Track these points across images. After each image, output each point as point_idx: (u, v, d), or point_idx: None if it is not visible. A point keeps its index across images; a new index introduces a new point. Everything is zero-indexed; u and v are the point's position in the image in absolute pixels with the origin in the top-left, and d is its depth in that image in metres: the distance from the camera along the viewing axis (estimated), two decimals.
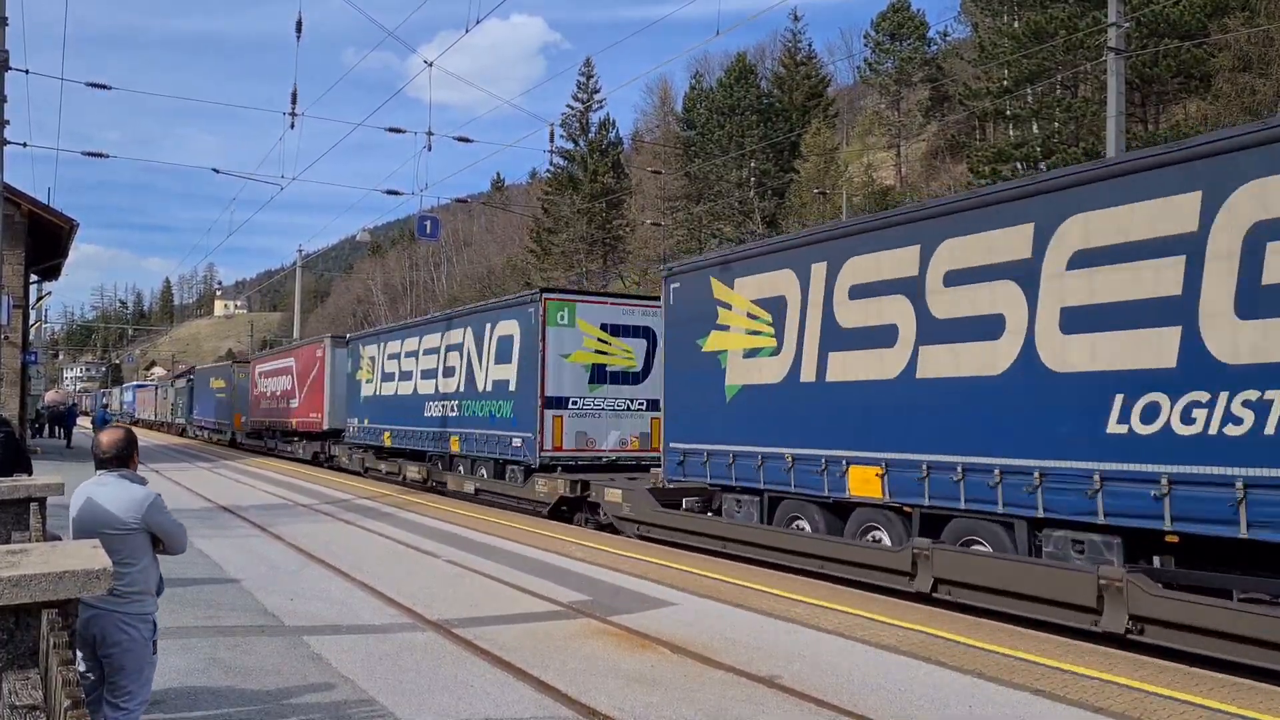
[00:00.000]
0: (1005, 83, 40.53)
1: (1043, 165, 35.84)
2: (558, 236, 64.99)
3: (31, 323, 35.36)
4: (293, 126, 21.49)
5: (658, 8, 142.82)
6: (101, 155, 34.87)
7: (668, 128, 67.58)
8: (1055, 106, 38.17)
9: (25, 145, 28.31)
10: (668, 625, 7.79)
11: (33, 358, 34.27)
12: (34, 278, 32.59)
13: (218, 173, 60.59)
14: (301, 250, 51.25)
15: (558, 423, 16.04)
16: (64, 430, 40.23)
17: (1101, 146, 24.34)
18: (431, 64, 21.32)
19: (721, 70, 62.67)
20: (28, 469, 7.83)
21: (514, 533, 13.49)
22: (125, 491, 4.18)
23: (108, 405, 77.03)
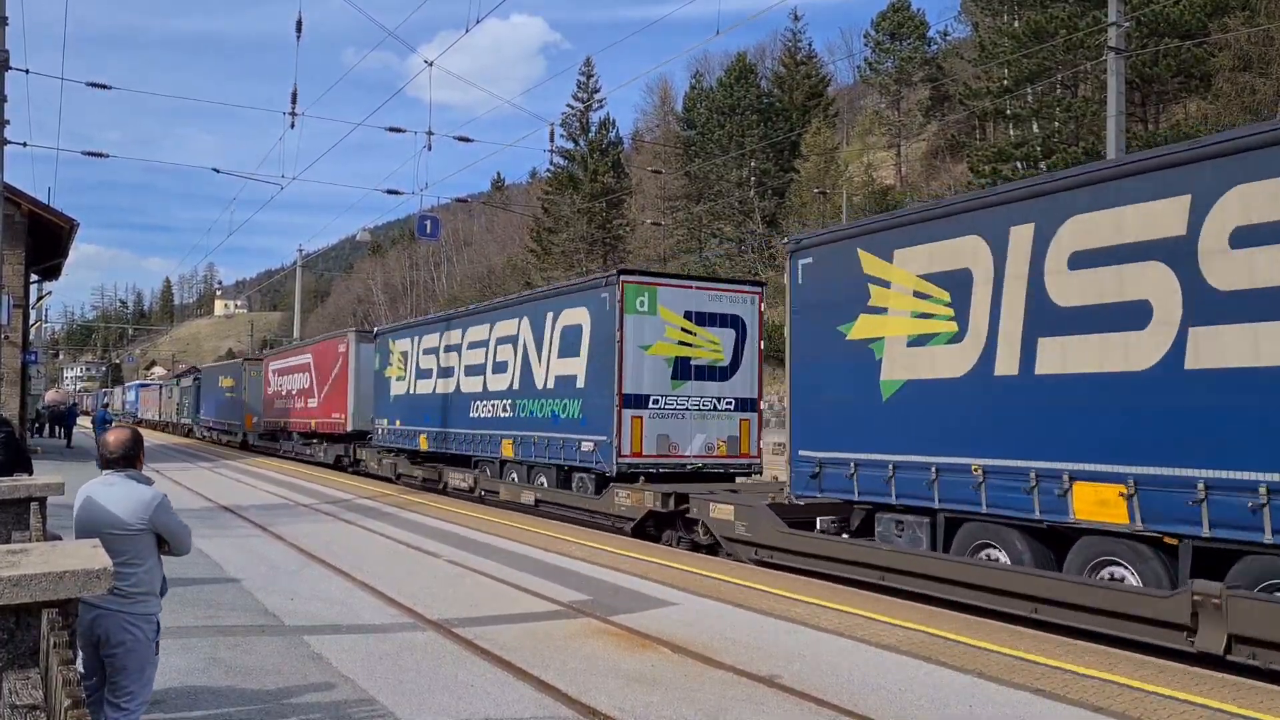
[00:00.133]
0: (1005, 82, 40.54)
1: (1043, 165, 35.82)
2: (558, 236, 65.00)
3: (32, 322, 35.37)
4: (293, 126, 21.60)
5: (658, 8, 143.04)
6: (102, 155, 34.88)
7: (668, 127, 67.61)
8: (1055, 106, 38.18)
9: (25, 145, 28.41)
10: (668, 625, 7.79)
11: (33, 357, 34.28)
12: (34, 277, 32.60)
13: (218, 172, 60.71)
14: (301, 250, 51.30)
15: (637, 424, 14.22)
16: (64, 430, 40.23)
17: (1101, 146, 24.34)
18: (431, 64, 21.36)
19: (721, 70, 62.74)
20: (28, 469, 7.83)
21: (515, 532, 13.49)
22: (133, 492, 4.17)
23: (108, 405, 76.78)
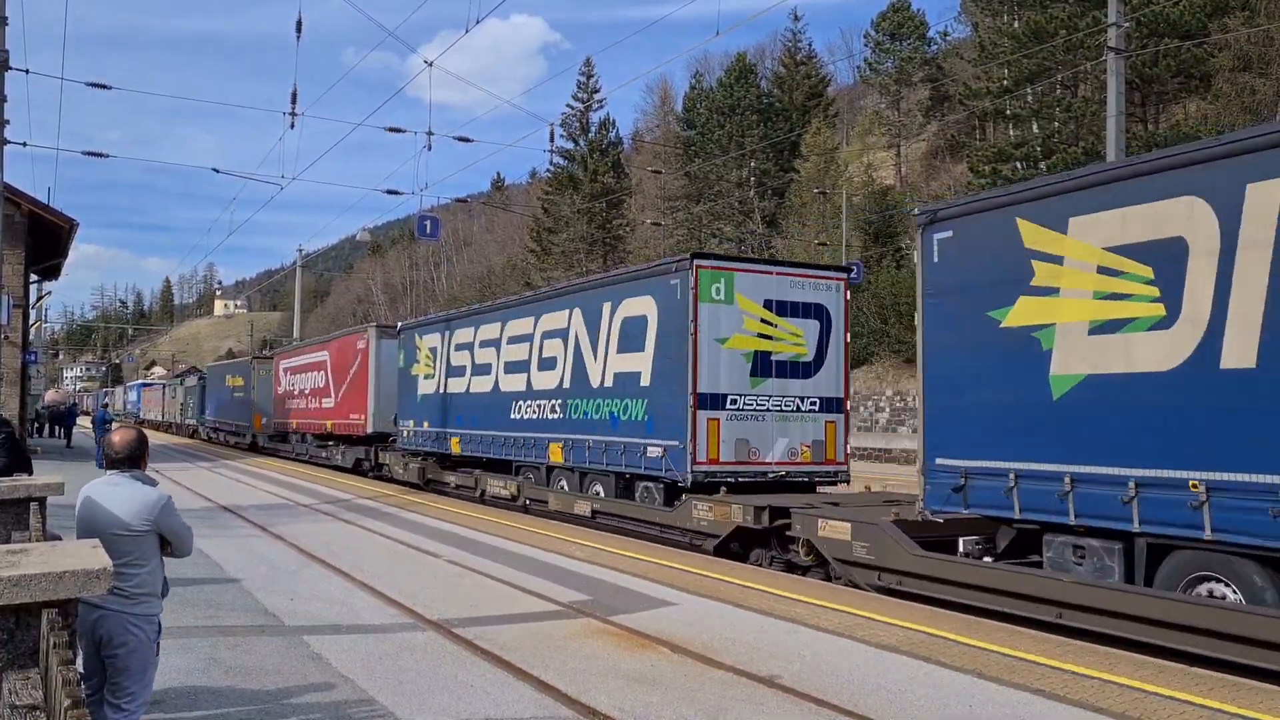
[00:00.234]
0: (1005, 83, 40.53)
1: (1043, 165, 35.82)
2: (558, 236, 64.99)
3: (31, 322, 35.39)
4: (293, 126, 21.62)
5: (658, 8, 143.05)
6: (101, 155, 34.87)
7: (668, 128, 67.58)
8: (1055, 106, 38.17)
9: (25, 145, 28.47)
10: (668, 625, 7.79)
11: (33, 357, 34.32)
12: (34, 277, 32.63)
13: (218, 172, 60.72)
14: (301, 250, 51.30)
15: (713, 427, 12.78)
16: (64, 430, 40.25)
17: (1101, 146, 24.33)
18: (431, 64, 21.36)
19: (721, 70, 62.69)
20: (28, 469, 7.83)
21: (514, 532, 13.49)
22: (138, 493, 4.19)
23: (108, 405, 76.63)
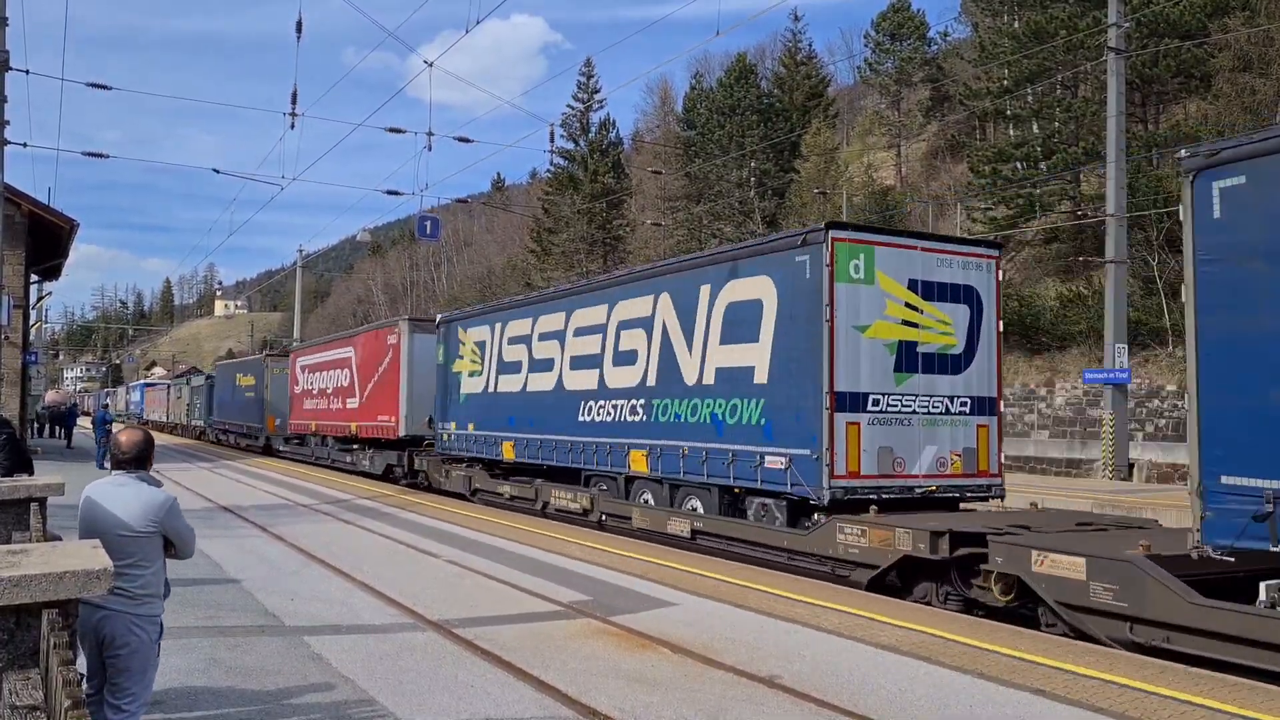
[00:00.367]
0: (1005, 83, 40.49)
1: (1043, 165, 35.81)
2: (558, 236, 64.95)
3: (32, 323, 35.38)
4: (293, 126, 21.60)
5: (658, 8, 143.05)
6: (102, 155, 34.89)
7: (668, 128, 67.54)
8: (1055, 106, 38.13)
9: (25, 145, 28.47)
10: (668, 625, 7.79)
11: (33, 358, 34.28)
12: (34, 278, 32.62)
13: (218, 173, 60.75)
14: (302, 250, 51.39)
15: (853, 433, 10.72)
16: (64, 430, 40.26)
17: (1101, 146, 24.31)
18: (432, 64, 21.36)
19: (721, 70, 62.62)
20: (29, 469, 7.84)
21: (514, 533, 13.49)
22: (145, 494, 4.19)
23: (108, 405, 76.47)
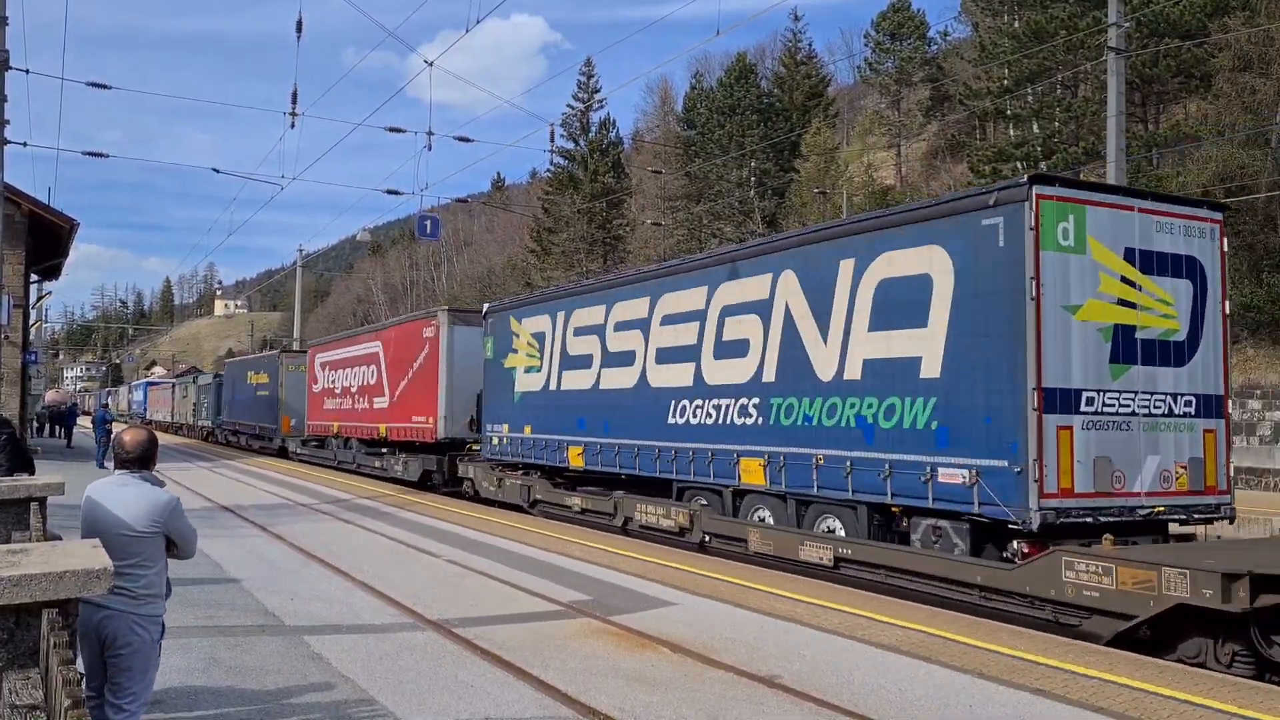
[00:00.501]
0: (1005, 83, 40.49)
1: (1043, 165, 35.81)
2: (558, 236, 64.93)
3: (32, 322, 35.37)
4: (293, 126, 21.56)
5: (658, 8, 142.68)
6: (101, 155, 34.91)
7: (668, 128, 67.52)
8: (1055, 106, 38.13)
9: (25, 145, 28.48)
10: (668, 625, 7.79)
11: (33, 358, 34.28)
12: (34, 277, 32.60)
13: (218, 172, 60.76)
14: (302, 250, 51.30)
15: (1065, 440, 8.60)
16: (64, 430, 40.27)
17: (1102, 146, 24.29)
18: (432, 64, 21.34)
19: (721, 70, 62.60)
20: (29, 469, 7.84)
21: (514, 532, 13.49)
22: (149, 494, 4.19)
23: (108, 405, 76.25)
